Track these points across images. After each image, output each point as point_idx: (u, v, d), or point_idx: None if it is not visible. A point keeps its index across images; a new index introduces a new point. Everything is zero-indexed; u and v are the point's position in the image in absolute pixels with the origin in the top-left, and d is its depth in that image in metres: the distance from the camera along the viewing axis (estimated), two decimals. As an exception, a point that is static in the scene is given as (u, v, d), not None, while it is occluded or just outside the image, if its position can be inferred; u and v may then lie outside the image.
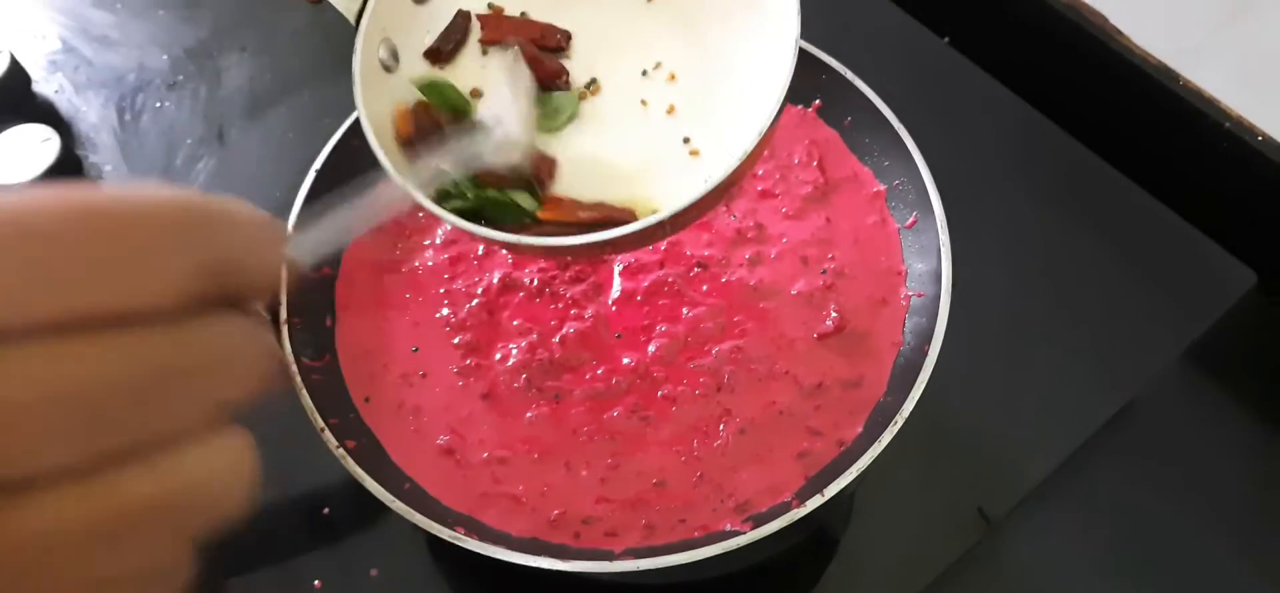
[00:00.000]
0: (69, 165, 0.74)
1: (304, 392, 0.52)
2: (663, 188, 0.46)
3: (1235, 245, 0.67)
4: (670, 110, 0.49)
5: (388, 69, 0.50)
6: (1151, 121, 0.73)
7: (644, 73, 0.50)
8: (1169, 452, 0.63)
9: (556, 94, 0.49)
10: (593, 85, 0.50)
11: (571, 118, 0.48)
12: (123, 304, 0.20)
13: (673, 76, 0.49)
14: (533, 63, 0.49)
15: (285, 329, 0.55)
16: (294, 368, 0.53)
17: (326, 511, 0.59)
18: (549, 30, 0.51)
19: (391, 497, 0.49)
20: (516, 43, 0.50)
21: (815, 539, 0.59)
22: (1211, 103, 0.69)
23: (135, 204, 0.21)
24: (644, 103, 0.49)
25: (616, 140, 0.48)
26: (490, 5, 0.52)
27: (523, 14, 0.52)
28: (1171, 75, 0.71)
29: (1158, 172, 0.71)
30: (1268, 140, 0.67)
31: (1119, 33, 0.73)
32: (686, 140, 0.48)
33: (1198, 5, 0.71)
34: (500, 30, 0.51)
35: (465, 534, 0.48)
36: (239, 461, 0.24)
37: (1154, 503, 0.61)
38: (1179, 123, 0.71)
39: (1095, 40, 0.74)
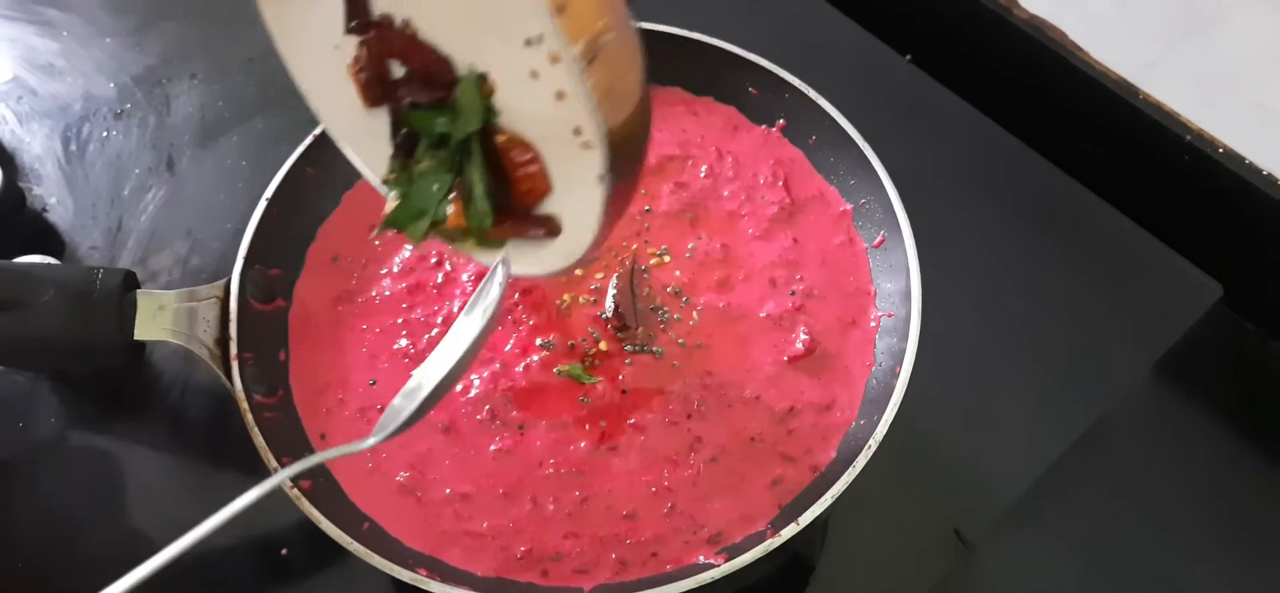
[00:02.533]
0: (11, 198, 0.71)
1: (256, 431, 0.50)
2: (569, 192, 0.44)
3: (1200, 258, 0.67)
4: (559, 96, 0.41)
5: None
6: (1113, 136, 0.73)
7: (526, 43, 0.41)
8: (1141, 465, 0.63)
9: (457, 92, 0.44)
10: (484, 80, 0.44)
11: (480, 113, 0.44)
12: None
13: (555, 57, 0.41)
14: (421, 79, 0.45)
15: (236, 365, 0.53)
16: (246, 406, 0.51)
17: (284, 552, 0.57)
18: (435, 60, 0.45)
19: (349, 539, 0.47)
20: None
21: (791, 568, 0.57)
22: (1172, 116, 0.70)
23: None
24: (533, 75, 0.41)
25: (524, 129, 0.44)
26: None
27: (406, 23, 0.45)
28: (1131, 90, 0.72)
29: (1122, 186, 0.71)
30: (1228, 152, 0.67)
31: (1079, 49, 0.74)
32: (577, 131, 0.41)
33: (1155, 21, 0.72)
34: (387, 47, 0.46)
35: (428, 576, 0.46)
36: None
37: (1128, 517, 0.60)
38: (1141, 137, 0.71)
39: (1056, 57, 0.74)
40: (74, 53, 0.85)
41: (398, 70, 0.45)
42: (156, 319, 0.54)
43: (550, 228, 0.46)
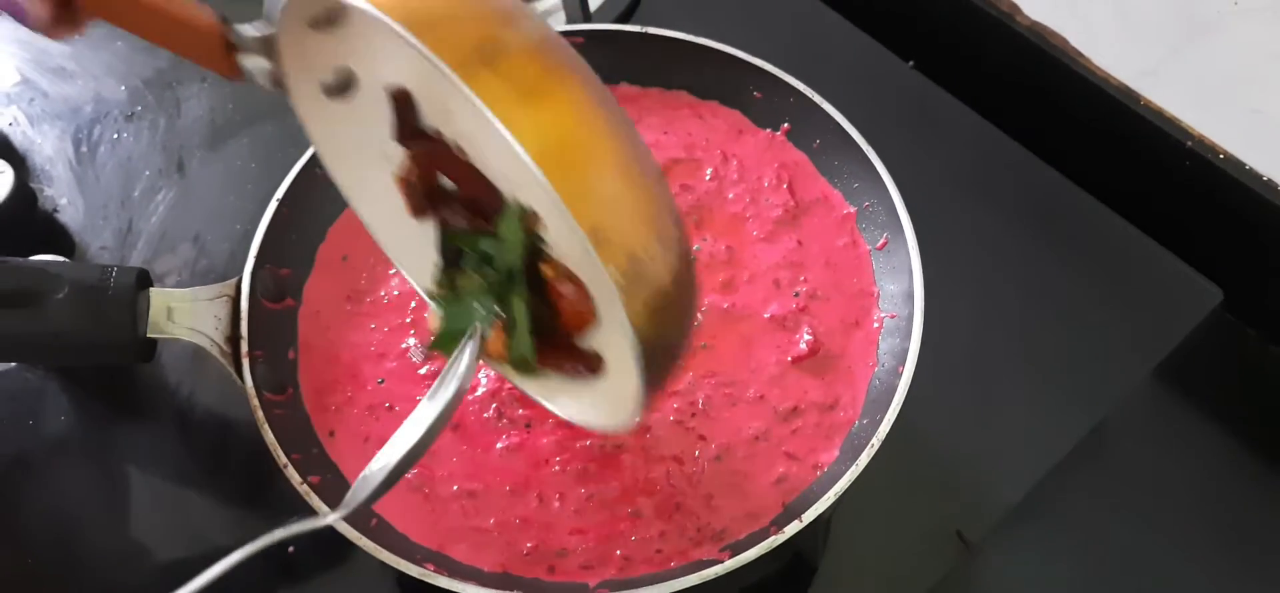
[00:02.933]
0: (23, 198, 0.72)
1: (266, 427, 0.51)
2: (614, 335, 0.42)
3: (1201, 263, 0.68)
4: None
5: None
6: (1115, 142, 0.74)
7: None
8: (1141, 470, 0.63)
9: (499, 224, 0.43)
10: (527, 215, 0.43)
11: (523, 245, 0.43)
12: None
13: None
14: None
15: (247, 363, 0.53)
16: (256, 403, 0.52)
17: (291, 549, 0.58)
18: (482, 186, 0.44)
19: (358, 534, 0.47)
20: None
21: (793, 567, 0.58)
22: (1172, 122, 0.70)
23: None
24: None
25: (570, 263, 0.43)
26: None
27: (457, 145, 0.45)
28: (1132, 96, 0.72)
29: (1123, 191, 0.71)
30: (1229, 158, 0.68)
31: (1080, 55, 0.75)
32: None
33: (1156, 28, 0.72)
34: (436, 162, 0.46)
35: (435, 571, 0.47)
36: None
37: (1128, 521, 0.61)
38: (1142, 143, 0.72)
39: (1057, 63, 0.75)
40: (85, 56, 0.86)
41: (446, 183, 0.45)
42: (169, 317, 0.54)
43: (591, 365, 0.45)
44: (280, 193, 0.59)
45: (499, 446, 0.54)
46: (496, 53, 0.35)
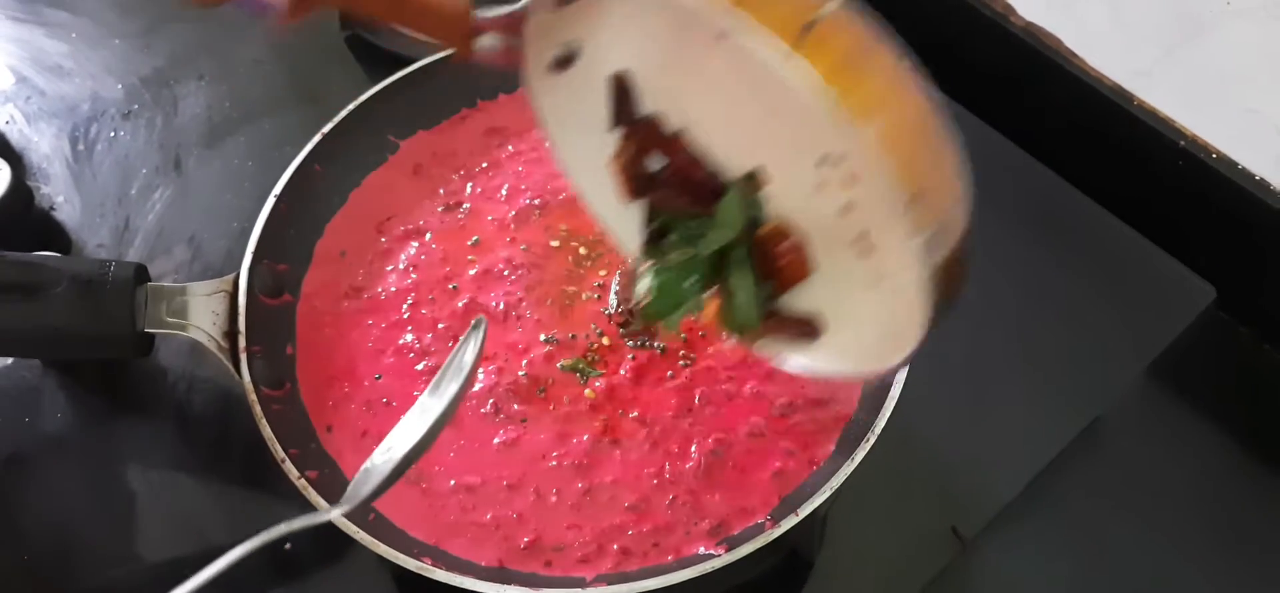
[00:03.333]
0: (20, 196, 0.72)
1: (264, 422, 0.51)
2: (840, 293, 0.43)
3: (1195, 261, 0.68)
4: (846, 210, 0.40)
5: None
6: (1109, 142, 0.74)
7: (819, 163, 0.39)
8: (1135, 468, 0.63)
9: (720, 205, 0.43)
10: (757, 177, 0.43)
11: (741, 226, 0.43)
12: None
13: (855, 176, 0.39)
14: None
15: (244, 358, 0.54)
16: (254, 398, 0.52)
17: (288, 546, 0.58)
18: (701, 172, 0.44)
19: (356, 528, 0.48)
20: None
21: (789, 562, 0.58)
22: (1166, 123, 0.71)
23: None
24: (819, 187, 0.40)
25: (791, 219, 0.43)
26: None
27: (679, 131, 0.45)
28: (1126, 96, 0.73)
29: (1116, 191, 0.72)
30: (1222, 158, 0.68)
31: (1074, 56, 0.75)
32: (862, 237, 0.40)
33: (1150, 29, 0.73)
34: (649, 142, 0.46)
35: (433, 565, 0.47)
36: None
37: (1122, 518, 0.61)
38: (1135, 143, 0.72)
39: (1051, 63, 0.75)
40: (82, 54, 0.86)
41: (655, 164, 0.45)
42: (166, 311, 0.55)
43: (808, 331, 0.45)
44: (278, 188, 0.59)
45: (496, 441, 0.54)
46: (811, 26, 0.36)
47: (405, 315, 0.59)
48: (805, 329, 0.45)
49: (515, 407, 0.55)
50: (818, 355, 0.46)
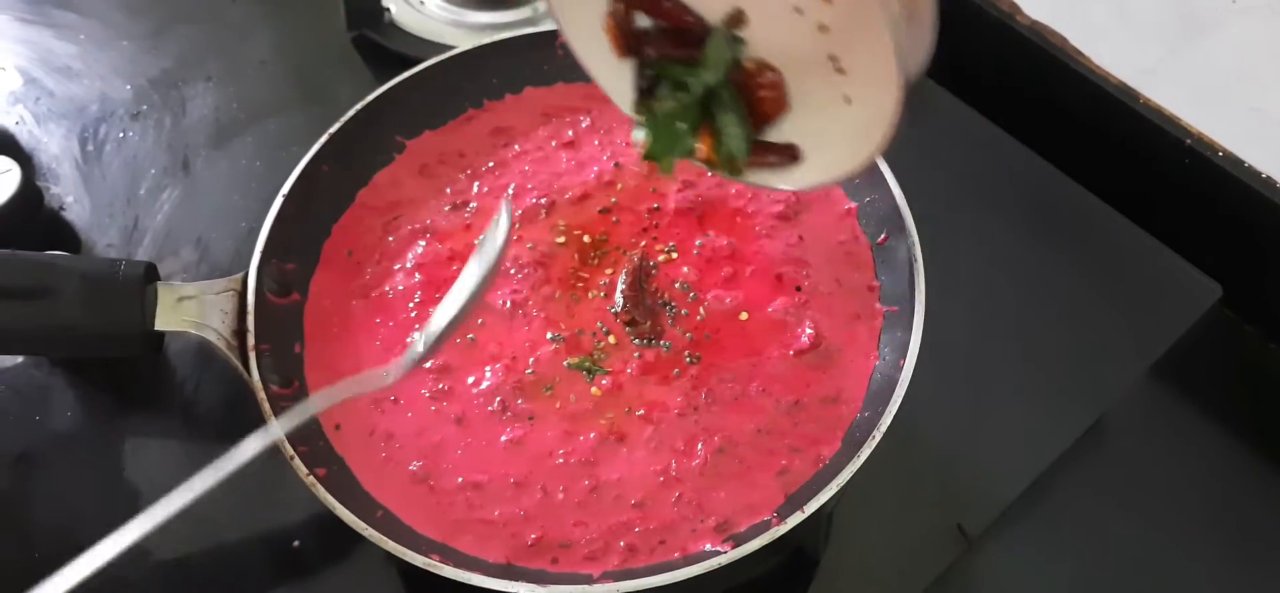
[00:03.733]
0: (29, 196, 0.72)
1: (273, 420, 0.51)
2: (814, 114, 0.46)
3: (1200, 260, 0.68)
4: (822, 29, 0.43)
5: None
6: (1114, 140, 0.74)
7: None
8: (1140, 466, 0.63)
9: (706, 47, 0.47)
10: (738, 16, 0.46)
11: (727, 65, 0.46)
12: None
13: None
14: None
15: (253, 356, 0.54)
16: (263, 396, 0.52)
17: (296, 543, 0.58)
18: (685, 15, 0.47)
19: (364, 525, 0.48)
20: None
21: (795, 560, 0.58)
22: (1172, 121, 0.71)
23: None
24: (798, 10, 0.44)
25: (769, 53, 0.46)
26: None
27: None
28: (1132, 95, 0.73)
29: (1122, 188, 0.72)
30: (1228, 156, 0.68)
31: (1080, 54, 0.75)
32: (833, 58, 0.44)
33: (1155, 27, 0.73)
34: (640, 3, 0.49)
35: (440, 561, 0.47)
36: None
37: (1125, 519, 0.61)
38: (1141, 141, 0.72)
39: (1057, 62, 0.75)
40: (91, 55, 0.87)
41: (646, 23, 0.48)
42: (176, 310, 0.55)
43: (790, 155, 0.48)
44: (286, 188, 0.59)
45: (503, 439, 0.54)
46: None
47: (412, 314, 0.59)
48: (788, 155, 0.48)
49: (522, 405, 0.55)
50: (800, 176, 0.49)
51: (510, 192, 0.63)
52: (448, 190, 0.65)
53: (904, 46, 0.41)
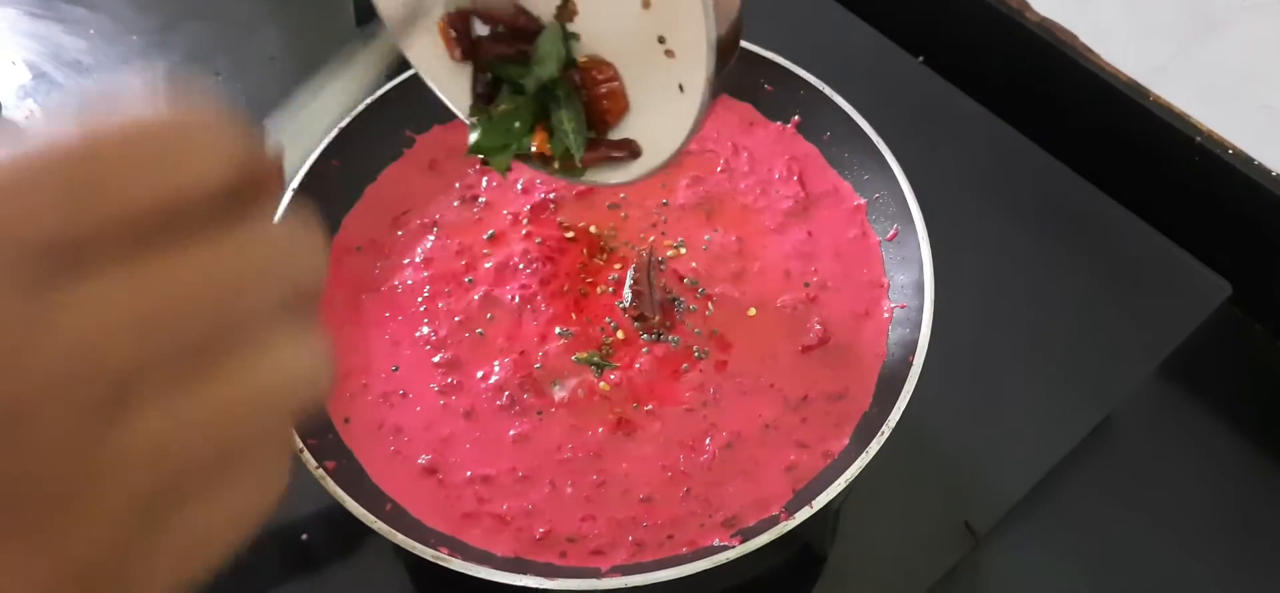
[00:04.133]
0: (38, 190, 0.73)
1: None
2: (651, 105, 0.46)
3: (1210, 258, 0.68)
4: (645, 5, 0.43)
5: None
6: (1124, 137, 0.74)
7: None
8: (1148, 465, 0.63)
9: (538, 41, 0.47)
10: (568, 7, 0.46)
11: (561, 59, 0.46)
12: (166, 199, 0.20)
13: None
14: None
15: (262, 350, 0.54)
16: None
17: (305, 537, 0.58)
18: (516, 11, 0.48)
19: (373, 518, 0.48)
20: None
21: (802, 557, 0.58)
22: (1182, 118, 0.71)
23: (141, 114, 0.20)
24: None
25: (604, 48, 0.46)
26: None
27: None
28: (1142, 92, 0.72)
29: (1132, 186, 0.72)
30: (1238, 153, 0.68)
31: (1089, 51, 0.75)
32: (661, 40, 0.44)
33: (1165, 24, 0.73)
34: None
35: (449, 555, 0.47)
36: (317, 348, 0.23)
37: (1132, 518, 0.61)
38: (1151, 138, 0.72)
39: (1067, 59, 0.75)
40: (100, 50, 0.87)
41: (482, 28, 0.48)
42: (185, 303, 0.55)
43: (631, 150, 0.48)
44: (295, 183, 0.59)
45: (511, 433, 0.54)
46: None
47: (421, 308, 0.59)
48: (627, 150, 0.48)
49: (529, 399, 0.55)
50: (635, 168, 0.48)
51: (519, 186, 0.63)
52: (457, 185, 0.65)
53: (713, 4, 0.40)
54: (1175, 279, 0.68)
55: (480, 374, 0.56)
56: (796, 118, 0.64)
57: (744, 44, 0.64)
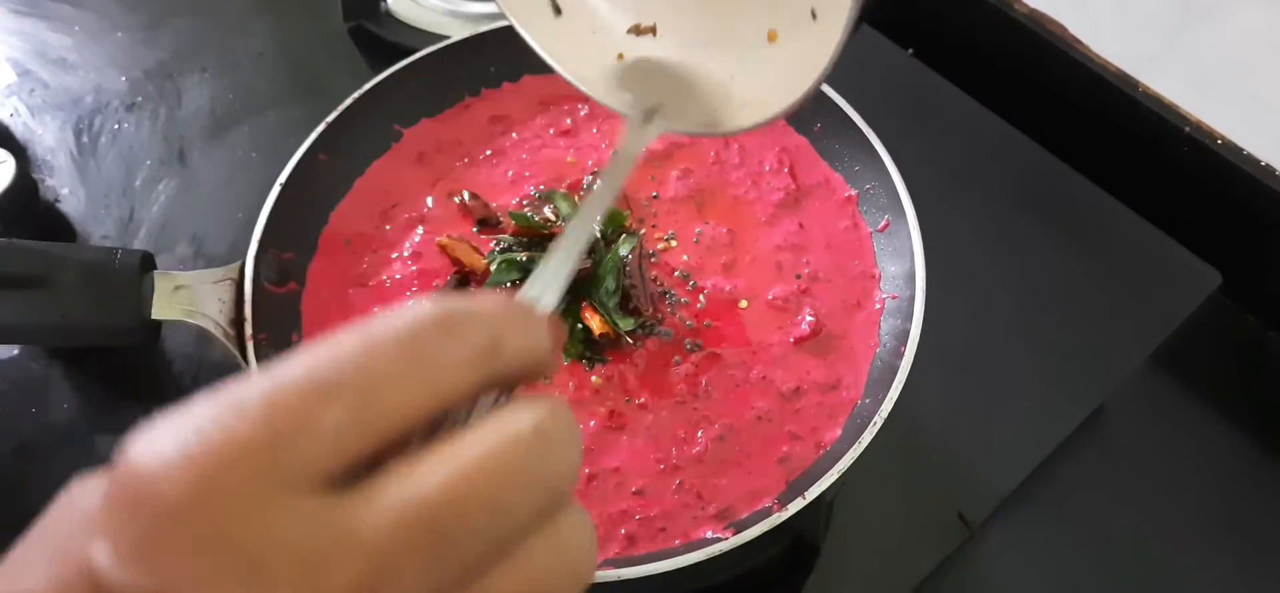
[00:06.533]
0: (24, 188, 0.72)
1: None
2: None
3: (1200, 248, 0.68)
4: None
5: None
6: (1113, 128, 0.74)
7: None
8: (1139, 455, 0.63)
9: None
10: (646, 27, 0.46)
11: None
12: (443, 404, 0.22)
13: None
14: None
15: (251, 346, 0.53)
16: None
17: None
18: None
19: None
20: None
21: (795, 548, 0.58)
22: (1171, 108, 0.71)
23: (420, 313, 0.22)
24: None
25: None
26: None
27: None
28: (1131, 83, 0.72)
29: (1121, 177, 0.72)
30: (1227, 143, 0.68)
31: (1079, 42, 0.75)
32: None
33: (1154, 14, 0.73)
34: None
35: (440, 549, 0.47)
36: (585, 531, 0.24)
37: (1124, 508, 0.61)
38: (1140, 128, 0.72)
39: (1056, 50, 0.75)
40: (86, 47, 0.86)
41: None
42: (173, 299, 0.55)
43: None
44: (283, 177, 0.59)
45: (503, 427, 0.54)
46: None
47: (410, 305, 0.58)
48: None
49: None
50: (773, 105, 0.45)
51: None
52: (444, 179, 0.64)
53: None
54: (1166, 269, 0.68)
55: (471, 368, 0.56)
56: (787, 110, 0.64)
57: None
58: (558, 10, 0.48)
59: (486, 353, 0.23)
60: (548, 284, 0.30)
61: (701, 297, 0.58)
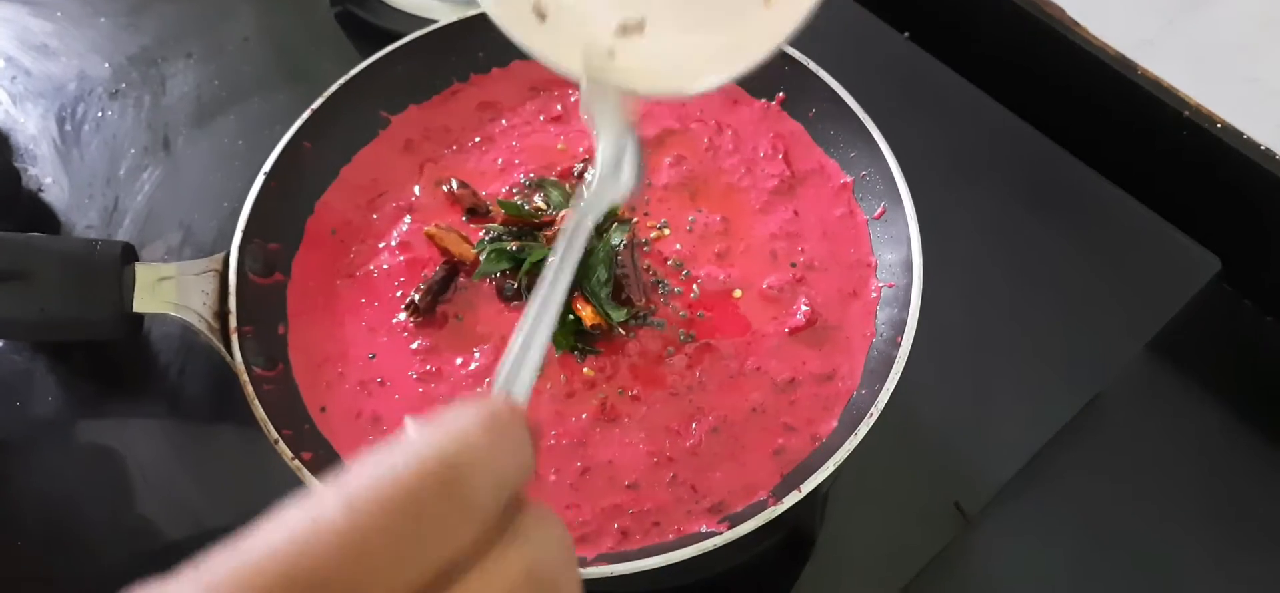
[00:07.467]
0: (7, 177, 0.71)
1: (257, 403, 0.50)
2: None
3: (1199, 233, 0.67)
4: None
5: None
6: (1112, 112, 0.73)
7: None
8: (1137, 442, 0.63)
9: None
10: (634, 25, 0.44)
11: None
12: (448, 568, 0.21)
13: None
14: None
15: (236, 338, 0.53)
16: (246, 378, 0.51)
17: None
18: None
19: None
20: None
21: (791, 540, 0.57)
22: (1170, 92, 0.70)
23: (417, 471, 0.21)
24: None
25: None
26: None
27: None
28: (1130, 66, 0.71)
29: (1120, 161, 0.71)
30: (1227, 127, 0.67)
31: (1077, 25, 0.74)
32: None
33: (1153, -3, 0.72)
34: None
35: (430, 545, 0.46)
36: None
37: (1122, 496, 0.60)
38: (1139, 112, 0.71)
39: (1054, 33, 0.74)
40: (68, 33, 0.85)
41: None
42: (155, 291, 0.54)
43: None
44: (268, 166, 0.58)
45: (493, 420, 0.53)
46: None
47: (397, 294, 0.58)
48: None
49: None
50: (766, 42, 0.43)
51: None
52: (432, 166, 0.63)
53: None
54: (1164, 255, 0.67)
55: (460, 361, 0.55)
56: (781, 95, 0.63)
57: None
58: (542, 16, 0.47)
59: (494, 504, 0.22)
60: (521, 365, 0.29)
61: (695, 286, 0.57)
